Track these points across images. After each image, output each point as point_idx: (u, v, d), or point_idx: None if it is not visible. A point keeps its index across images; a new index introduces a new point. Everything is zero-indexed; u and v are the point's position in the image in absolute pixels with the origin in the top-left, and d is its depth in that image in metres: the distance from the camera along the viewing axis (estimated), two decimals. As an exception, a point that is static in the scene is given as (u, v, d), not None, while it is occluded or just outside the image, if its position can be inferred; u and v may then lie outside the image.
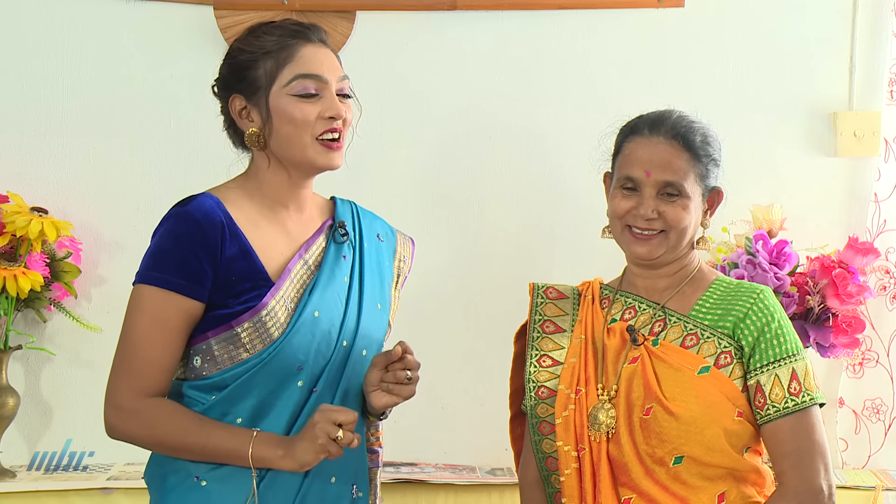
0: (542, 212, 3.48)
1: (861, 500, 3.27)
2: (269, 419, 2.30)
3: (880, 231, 3.46)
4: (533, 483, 2.45)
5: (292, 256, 2.35)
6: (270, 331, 2.28)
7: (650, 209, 2.34)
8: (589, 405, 2.34)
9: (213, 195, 2.35)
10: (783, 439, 2.28)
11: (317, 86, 2.34)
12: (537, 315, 2.48)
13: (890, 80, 3.44)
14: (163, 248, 2.30)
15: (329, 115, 2.34)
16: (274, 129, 2.34)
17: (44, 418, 3.43)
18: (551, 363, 2.43)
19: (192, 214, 2.30)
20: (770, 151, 3.46)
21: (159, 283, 2.28)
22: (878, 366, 3.49)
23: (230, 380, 2.30)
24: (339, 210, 2.47)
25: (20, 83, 3.41)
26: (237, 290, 2.29)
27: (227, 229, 2.30)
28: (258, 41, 2.36)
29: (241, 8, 3.40)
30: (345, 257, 2.41)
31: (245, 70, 2.36)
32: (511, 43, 3.45)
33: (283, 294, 2.31)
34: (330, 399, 2.33)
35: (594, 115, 3.38)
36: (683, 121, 2.38)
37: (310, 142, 2.34)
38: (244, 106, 2.37)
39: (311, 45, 2.36)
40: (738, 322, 2.32)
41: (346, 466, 2.36)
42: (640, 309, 2.40)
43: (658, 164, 2.34)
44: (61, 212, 3.38)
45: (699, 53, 3.46)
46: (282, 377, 2.30)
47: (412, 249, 2.57)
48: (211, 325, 2.30)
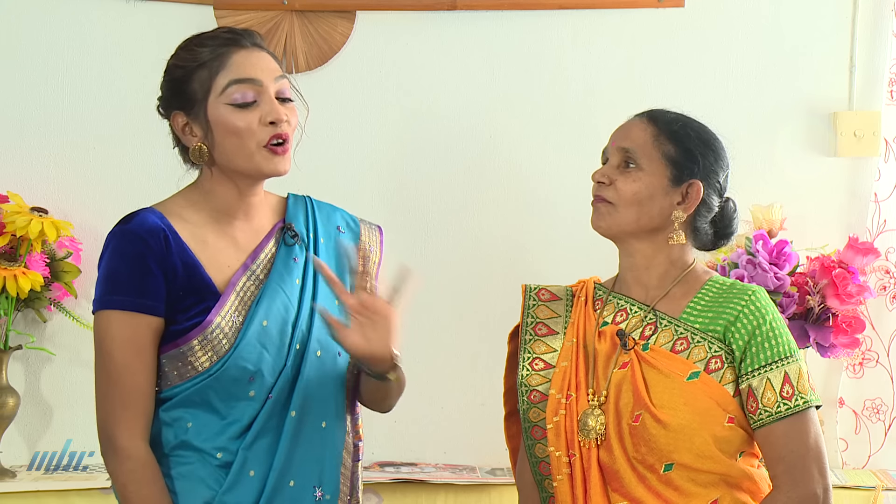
0: (541, 212, 3.48)
1: (861, 501, 3.27)
2: (219, 427, 2.28)
3: (880, 231, 3.46)
4: (531, 484, 2.44)
5: (239, 267, 2.32)
6: (218, 347, 2.26)
7: (602, 173, 2.36)
8: (579, 410, 2.32)
9: (155, 210, 2.31)
10: (777, 443, 2.26)
11: (254, 90, 2.27)
12: (529, 317, 2.46)
13: (890, 80, 3.44)
14: (115, 269, 2.26)
15: (270, 119, 2.27)
16: (216, 142, 2.29)
17: (44, 418, 3.43)
18: (543, 366, 2.41)
19: (135, 231, 2.26)
20: (770, 151, 3.46)
21: (122, 305, 2.24)
22: (878, 366, 3.48)
23: (180, 392, 2.28)
24: (290, 210, 2.40)
25: (20, 83, 3.41)
26: (184, 305, 2.26)
27: (172, 242, 2.26)
28: (191, 54, 2.31)
29: (241, 8, 3.41)
30: (296, 259, 2.36)
31: (181, 85, 2.31)
32: (511, 43, 3.45)
33: (229, 308, 2.27)
34: (285, 404, 2.29)
35: (594, 113, 3.40)
36: (673, 112, 2.40)
37: (255, 150, 2.28)
38: (186, 122, 2.32)
39: (244, 50, 2.30)
40: (729, 325, 2.29)
41: (305, 468, 2.32)
42: (631, 311, 2.38)
43: (622, 133, 2.38)
44: (61, 212, 3.38)
45: (699, 53, 3.46)
46: (233, 389, 2.27)
47: (380, 238, 2.49)
48: (161, 342, 2.27)
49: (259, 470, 2.28)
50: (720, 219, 2.41)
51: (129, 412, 2.24)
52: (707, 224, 2.39)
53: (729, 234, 2.44)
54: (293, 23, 3.42)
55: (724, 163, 2.40)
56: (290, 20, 3.42)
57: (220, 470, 2.28)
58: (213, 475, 2.28)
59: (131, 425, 2.24)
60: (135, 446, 2.24)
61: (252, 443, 2.28)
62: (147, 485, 2.24)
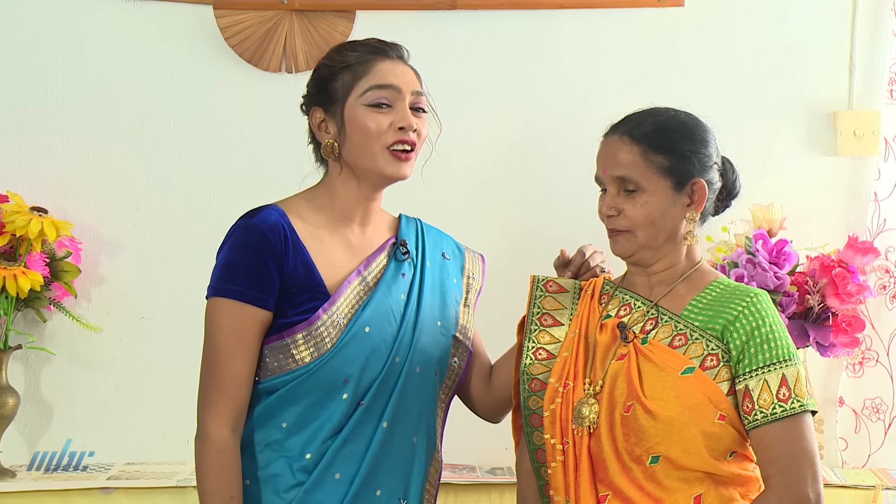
0: (541, 212, 3.48)
1: (861, 500, 3.27)
2: (312, 428, 2.35)
3: (880, 230, 3.46)
4: (528, 472, 2.46)
5: (352, 271, 2.40)
6: (321, 343, 2.34)
7: (608, 206, 2.35)
8: (575, 399, 2.34)
9: (278, 207, 2.40)
10: (771, 445, 2.25)
11: (390, 96, 2.39)
12: (535, 308, 2.48)
13: (890, 80, 3.44)
14: (233, 260, 2.34)
15: (400, 125, 2.38)
16: (347, 139, 2.39)
17: (43, 418, 3.43)
18: (546, 356, 2.43)
19: (258, 226, 2.34)
20: (770, 151, 3.46)
21: (234, 295, 2.32)
22: (878, 365, 3.49)
23: (279, 386, 2.35)
24: (403, 228, 2.52)
25: (20, 83, 3.41)
26: (296, 301, 2.34)
27: (290, 241, 2.35)
28: (340, 56, 2.42)
29: (241, 7, 3.41)
30: (404, 275, 2.45)
31: (325, 83, 2.41)
32: (511, 42, 3.46)
33: (337, 308, 2.35)
34: (379, 413, 2.37)
35: (593, 114, 3.37)
36: (645, 116, 2.37)
37: (379, 150, 2.38)
38: (322, 118, 2.42)
39: (390, 60, 2.42)
40: (728, 325, 2.29)
41: (393, 479, 2.40)
42: (634, 306, 2.39)
43: (610, 160, 2.35)
44: (61, 211, 3.38)
45: (699, 53, 3.46)
46: (327, 388, 2.34)
47: (482, 266, 2.64)
48: (267, 333, 2.35)
49: (345, 474, 2.35)
50: (723, 186, 2.41)
51: (221, 398, 2.32)
52: (713, 201, 2.40)
53: (735, 194, 2.44)
54: (293, 22, 3.42)
55: (711, 144, 2.38)
56: (290, 20, 3.42)
57: (302, 473, 2.35)
58: (297, 479, 2.35)
59: (221, 411, 2.32)
60: (217, 431, 2.32)
61: (341, 446, 2.35)
62: (218, 470, 2.31)
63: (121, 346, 3.44)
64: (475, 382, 2.58)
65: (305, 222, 2.39)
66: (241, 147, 3.46)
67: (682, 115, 2.38)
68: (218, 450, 2.31)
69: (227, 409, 2.32)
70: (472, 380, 2.57)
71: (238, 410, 2.33)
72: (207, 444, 2.32)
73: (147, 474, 3.31)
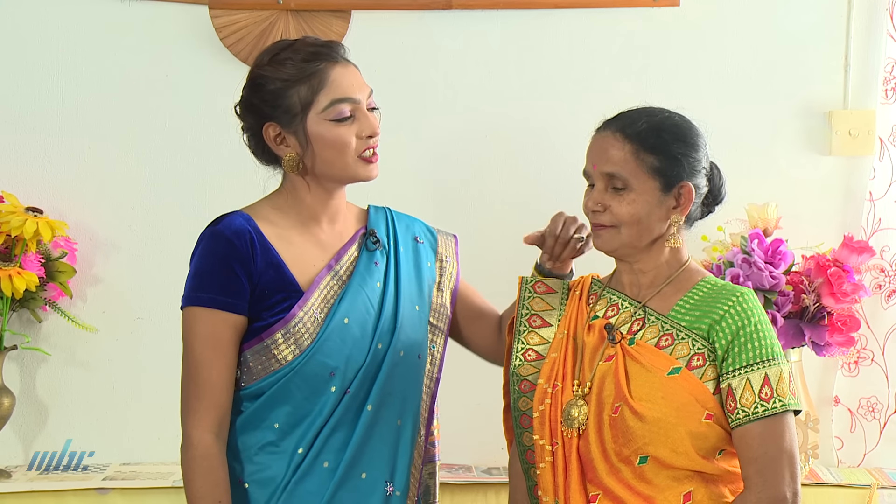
0: (539, 211, 3.46)
1: (856, 499, 3.28)
2: (305, 424, 2.39)
3: (875, 230, 3.46)
4: (519, 473, 2.48)
5: (323, 267, 2.43)
6: (300, 340, 2.37)
7: (594, 201, 2.35)
8: (564, 401, 2.35)
9: (243, 212, 2.44)
10: (751, 444, 2.26)
11: (352, 107, 2.41)
12: (524, 309, 2.50)
13: (885, 79, 3.44)
14: (202, 268, 2.39)
15: (366, 134, 2.42)
16: (315, 154, 2.42)
17: (39, 418, 3.43)
18: (535, 357, 2.44)
19: (222, 232, 2.38)
20: (765, 150, 3.46)
21: (205, 302, 2.36)
22: (874, 364, 3.49)
23: (266, 388, 2.39)
24: (372, 218, 2.55)
25: (15, 83, 3.41)
26: (270, 303, 2.37)
27: (258, 243, 2.38)
28: (285, 68, 2.41)
29: (236, 7, 3.40)
30: (377, 264, 2.48)
31: (278, 98, 2.41)
32: (506, 42, 3.45)
33: (312, 304, 2.39)
34: (364, 397, 2.41)
35: (589, 113, 3.38)
36: (640, 115, 2.37)
37: (351, 161, 2.42)
38: (279, 133, 2.43)
39: (338, 65, 2.43)
40: (714, 324, 2.30)
41: (378, 461, 2.43)
42: (622, 307, 2.39)
43: (601, 156, 2.36)
44: (56, 212, 3.38)
45: (694, 52, 3.46)
46: (314, 384, 2.38)
47: (455, 247, 2.66)
48: (245, 337, 2.39)
49: (333, 461, 2.40)
50: (709, 191, 2.41)
51: (202, 404, 2.36)
52: (699, 205, 2.40)
53: (720, 200, 2.44)
54: (288, 22, 3.42)
55: (702, 149, 2.38)
56: (286, 20, 3.42)
57: (296, 468, 2.39)
58: (292, 474, 2.39)
59: (202, 416, 2.35)
60: (201, 437, 2.35)
61: (329, 435, 2.40)
62: (205, 475, 2.34)
63: (116, 346, 3.44)
64: (485, 335, 2.63)
65: (273, 225, 2.43)
66: (236, 147, 3.45)
67: (676, 118, 2.38)
68: (202, 455, 2.34)
69: (209, 415, 2.35)
70: (480, 333, 2.63)
71: (220, 415, 2.37)
72: (192, 450, 2.35)
73: (143, 475, 3.31)
